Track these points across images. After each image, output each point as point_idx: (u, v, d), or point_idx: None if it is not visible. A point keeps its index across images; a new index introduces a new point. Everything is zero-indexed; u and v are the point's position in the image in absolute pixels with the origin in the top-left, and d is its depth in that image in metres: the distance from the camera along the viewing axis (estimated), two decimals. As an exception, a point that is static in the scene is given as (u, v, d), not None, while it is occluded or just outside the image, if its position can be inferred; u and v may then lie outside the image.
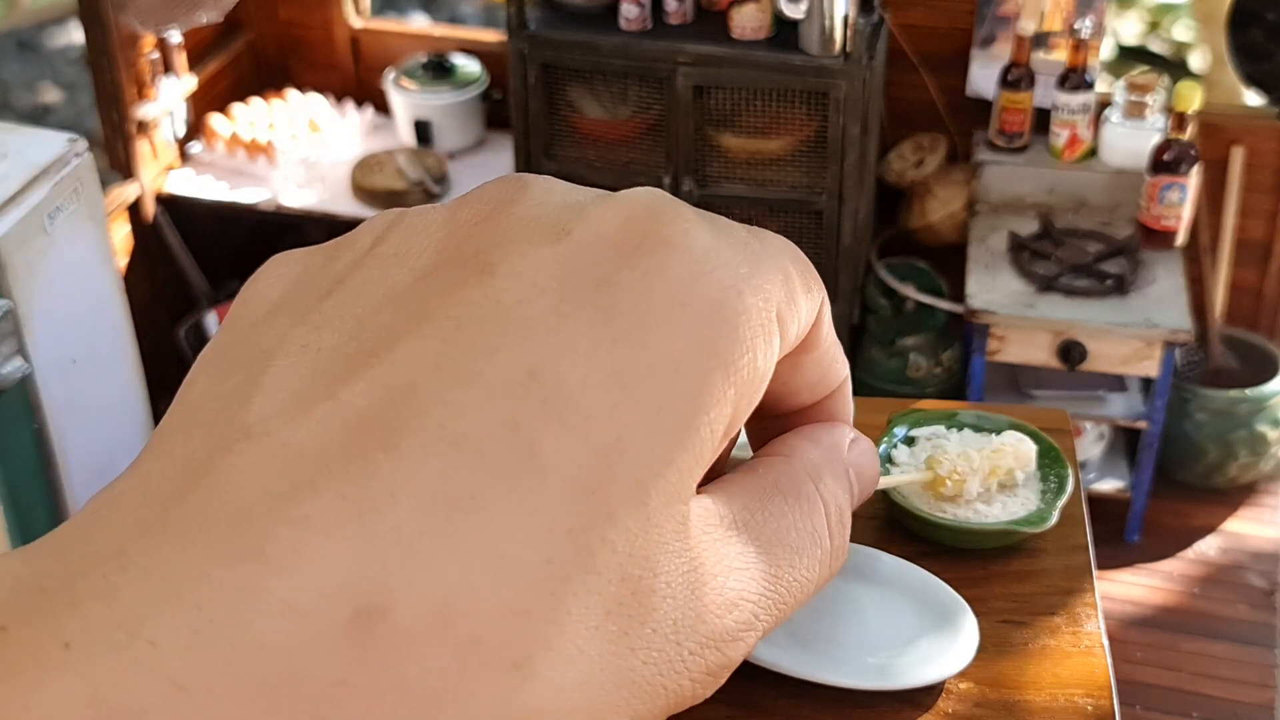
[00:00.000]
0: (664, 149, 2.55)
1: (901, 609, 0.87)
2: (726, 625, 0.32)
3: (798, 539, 0.35)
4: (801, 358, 0.38)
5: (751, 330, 0.32)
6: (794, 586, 0.35)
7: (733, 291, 0.32)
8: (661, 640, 0.30)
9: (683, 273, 0.31)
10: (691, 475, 0.31)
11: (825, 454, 0.39)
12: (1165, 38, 4.02)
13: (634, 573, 0.30)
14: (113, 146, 2.75)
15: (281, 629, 0.24)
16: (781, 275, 0.34)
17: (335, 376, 0.28)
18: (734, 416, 0.32)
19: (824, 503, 0.37)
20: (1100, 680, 0.84)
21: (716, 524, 0.33)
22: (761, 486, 0.36)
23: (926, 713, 0.82)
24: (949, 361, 2.71)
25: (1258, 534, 2.70)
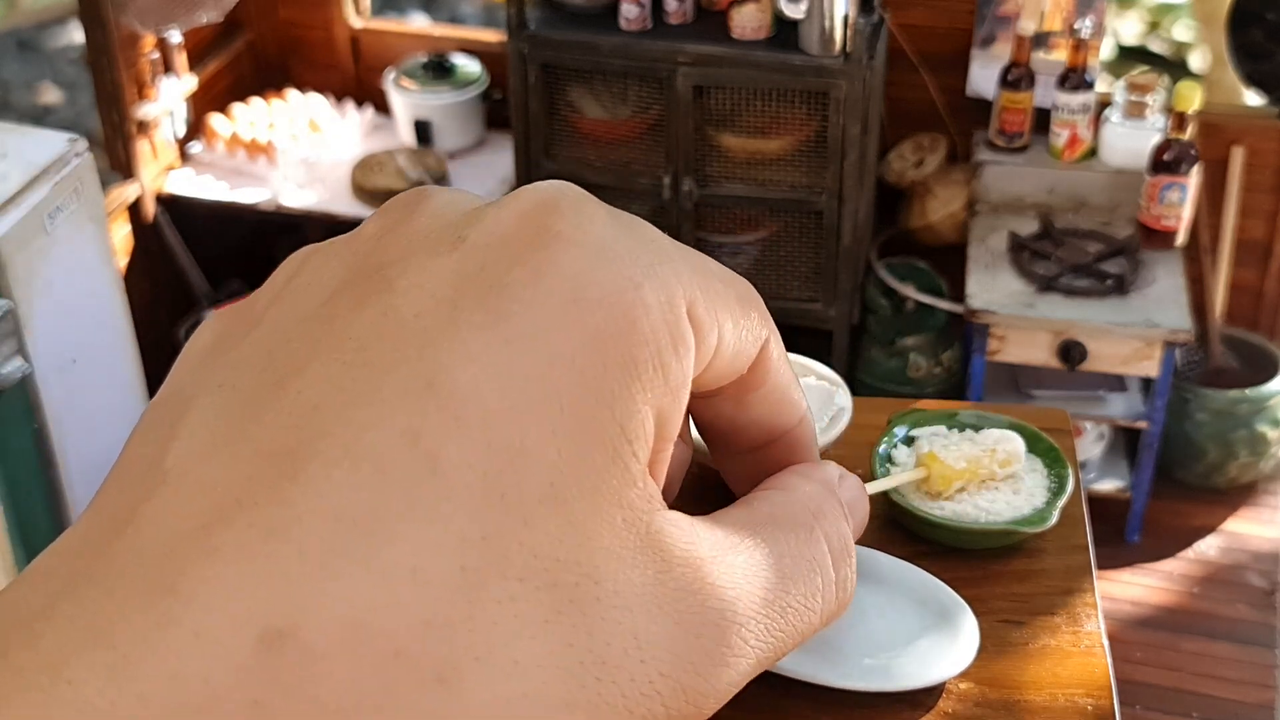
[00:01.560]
0: (664, 149, 2.55)
1: (901, 610, 0.87)
2: (706, 647, 0.31)
3: (795, 566, 0.34)
4: (746, 395, 0.37)
5: (652, 325, 0.31)
6: (791, 614, 0.34)
7: (629, 284, 0.31)
8: (619, 656, 0.29)
9: (575, 267, 0.30)
10: (611, 476, 0.30)
11: (821, 488, 0.38)
12: (1165, 38, 4.02)
13: (566, 579, 0.29)
14: (113, 146, 2.75)
15: (193, 657, 0.25)
16: (699, 280, 0.33)
17: (247, 411, 0.28)
18: (656, 417, 0.31)
19: (824, 533, 0.36)
20: (1100, 680, 0.84)
21: (696, 542, 0.32)
22: (755, 516, 0.35)
23: (926, 713, 0.82)
24: (949, 361, 2.71)
25: (1258, 534, 2.70)
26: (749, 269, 2.66)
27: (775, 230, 2.61)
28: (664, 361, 0.31)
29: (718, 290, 0.34)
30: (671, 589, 0.31)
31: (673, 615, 0.30)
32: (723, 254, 2.65)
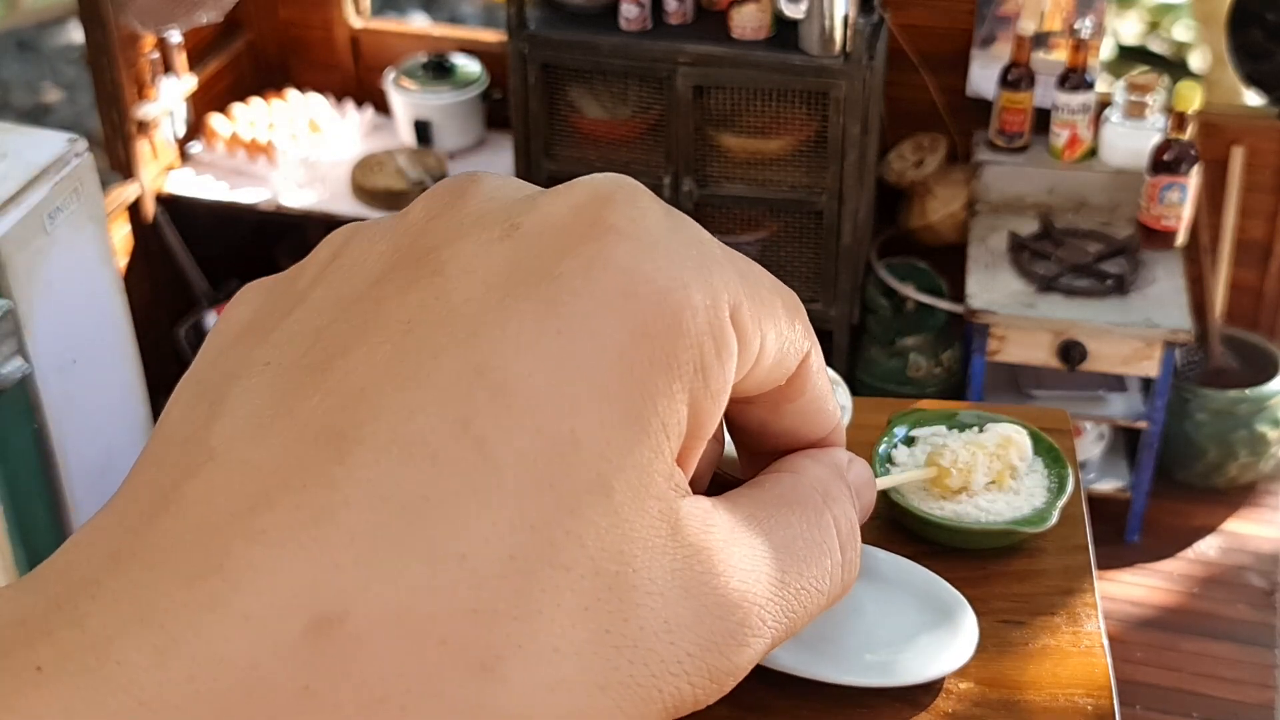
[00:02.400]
0: (664, 149, 2.55)
1: (901, 607, 0.87)
2: (729, 628, 0.32)
3: (806, 549, 0.35)
4: (783, 405, 0.38)
5: (698, 326, 0.31)
6: (803, 595, 0.35)
7: (678, 283, 0.31)
8: (651, 639, 0.30)
9: (628, 261, 0.30)
10: (653, 470, 0.31)
11: (830, 471, 0.39)
12: (1165, 38, 4.02)
13: (608, 568, 0.29)
14: (113, 146, 2.75)
15: (241, 641, 0.25)
16: (746, 286, 0.33)
17: (292, 390, 0.28)
18: (691, 417, 0.32)
19: (833, 516, 0.37)
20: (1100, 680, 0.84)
21: (716, 526, 0.33)
22: (768, 498, 0.36)
23: (926, 712, 0.82)
24: (949, 361, 2.71)
25: (1258, 534, 2.70)
26: (749, 269, 2.66)
27: (775, 230, 2.61)
28: (706, 363, 0.32)
29: (764, 298, 0.34)
30: (697, 573, 0.31)
31: (698, 599, 0.31)
32: (723, 254, 2.65)
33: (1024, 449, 0.95)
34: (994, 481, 0.94)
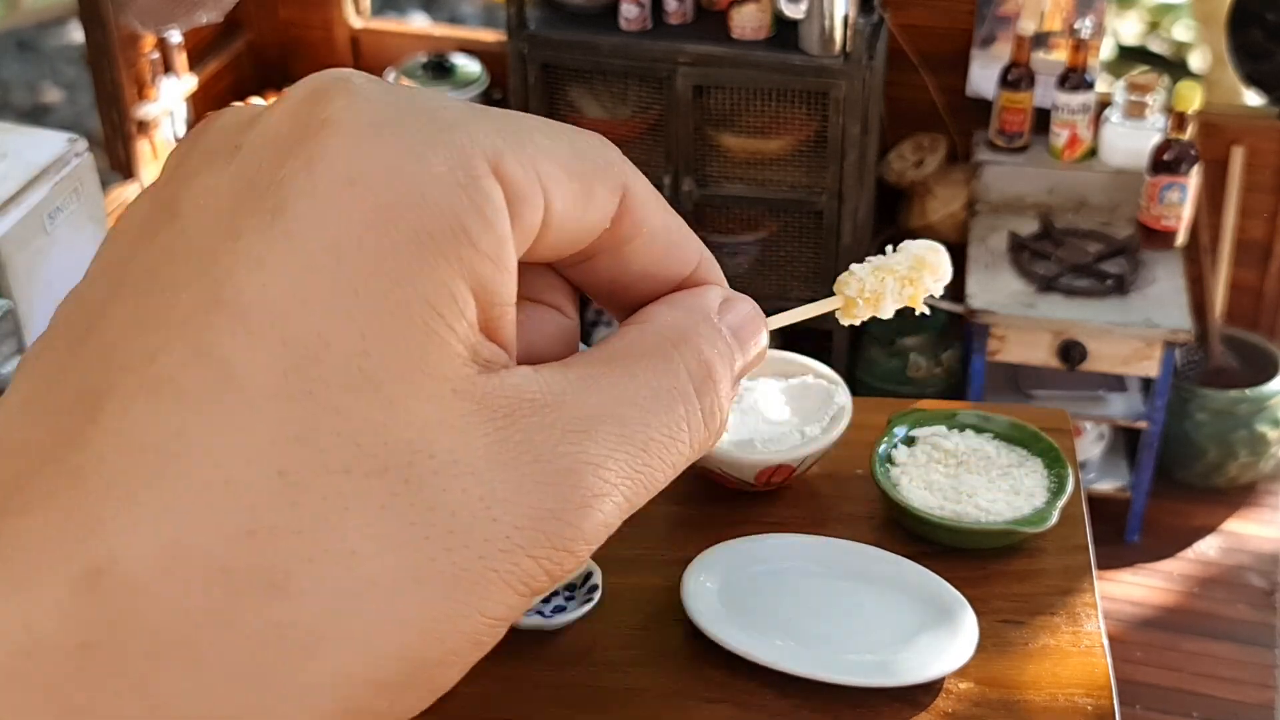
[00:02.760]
0: (664, 149, 2.55)
1: (901, 607, 0.87)
2: (563, 492, 0.31)
3: (650, 399, 0.34)
4: (622, 249, 0.36)
5: (444, 193, 0.30)
6: (655, 447, 0.33)
7: (409, 155, 0.30)
8: (469, 521, 0.29)
9: (349, 148, 0.29)
10: (432, 351, 0.30)
11: (686, 314, 0.37)
12: (1165, 38, 4.02)
13: (399, 460, 0.29)
14: (113, 146, 2.75)
15: (15, 610, 0.25)
16: (507, 136, 0.32)
17: (58, 364, 0.29)
18: (475, 286, 0.30)
19: (684, 361, 0.35)
20: (1100, 680, 0.84)
21: (540, 393, 0.31)
22: (608, 353, 0.35)
23: (926, 712, 0.82)
24: (949, 361, 2.71)
25: (1258, 534, 2.70)
26: (749, 269, 2.66)
27: (775, 230, 2.61)
28: (466, 227, 0.30)
29: (539, 144, 0.32)
30: (518, 442, 0.30)
31: (520, 468, 0.30)
32: (723, 254, 2.65)
33: (939, 269, 0.94)
34: (907, 306, 0.92)
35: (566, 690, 0.85)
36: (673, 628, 0.88)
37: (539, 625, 0.87)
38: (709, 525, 0.97)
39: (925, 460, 0.99)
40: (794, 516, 0.98)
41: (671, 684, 0.85)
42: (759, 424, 0.99)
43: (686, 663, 0.86)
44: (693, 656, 0.87)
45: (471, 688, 0.85)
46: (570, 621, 0.88)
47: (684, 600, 0.87)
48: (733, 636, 0.85)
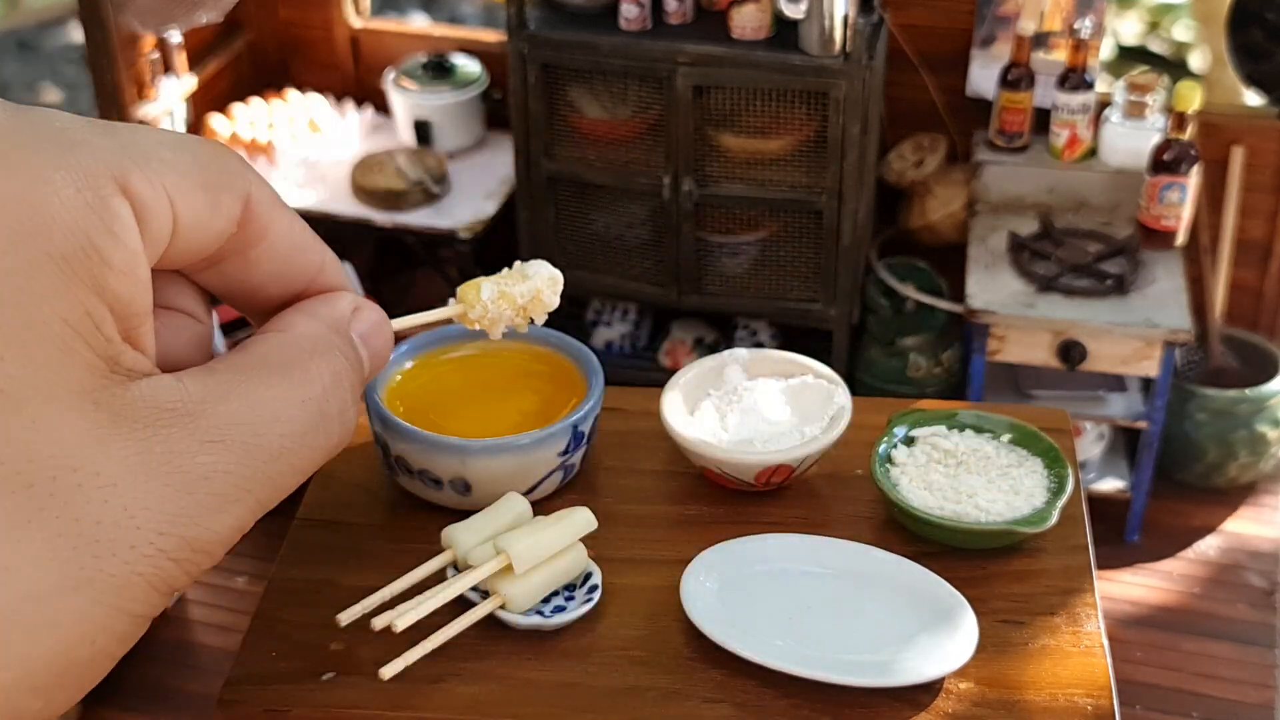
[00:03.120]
0: (664, 149, 2.55)
1: (900, 607, 0.87)
2: (200, 499, 0.32)
3: (285, 408, 0.36)
4: (249, 253, 0.38)
5: (73, 215, 0.31)
6: (288, 455, 0.35)
7: (37, 180, 0.31)
8: (112, 530, 0.31)
9: None
10: (69, 368, 0.31)
11: (322, 325, 0.39)
12: (1165, 38, 4.02)
13: (42, 475, 0.30)
14: (113, 146, 2.75)
15: None
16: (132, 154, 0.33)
17: None
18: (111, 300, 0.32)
19: (317, 369, 0.37)
20: (1100, 680, 0.84)
21: (181, 402, 0.33)
22: (247, 362, 0.36)
23: (926, 712, 0.82)
24: (949, 361, 2.71)
25: (1258, 534, 2.70)
26: (749, 269, 2.66)
27: (775, 230, 2.61)
28: (99, 247, 0.32)
29: (164, 158, 0.34)
30: (158, 453, 0.32)
31: (161, 478, 0.32)
32: (723, 254, 2.65)
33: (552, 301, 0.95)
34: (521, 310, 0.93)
35: (566, 690, 0.85)
36: (673, 628, 0.88)
37: (538, 625, 0.87)
38: (709, 525, 0.97)
39: (925, 460, 0.99)
40: (794, 516, 0.98)
41: (671, 684, 0.85)
42: (759, 424, 0.99)
43: (686, 663, 0.86)
44: (693, 656, 0.87)
45: (471, 687, 0.85)
46: (570, 621, 0.88)
47: (684, 600, 0.87)
48: (733, 636, 0.85)
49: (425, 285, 3.10)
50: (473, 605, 0.87)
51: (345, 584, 0.92)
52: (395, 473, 0.98)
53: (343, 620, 0.82)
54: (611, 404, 1.05)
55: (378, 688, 0.83)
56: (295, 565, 0.94)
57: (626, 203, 2.65)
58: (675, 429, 0.98)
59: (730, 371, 1.04)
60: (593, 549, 0.91)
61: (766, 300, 2.66)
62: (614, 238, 2.68)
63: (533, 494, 0.96)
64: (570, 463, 0.98)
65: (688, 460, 0.99)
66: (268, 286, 0.40)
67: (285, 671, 0.87)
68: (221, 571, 2.56)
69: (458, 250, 2.75)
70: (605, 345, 2.83)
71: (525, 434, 0.94)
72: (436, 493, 0.97)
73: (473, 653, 0.87)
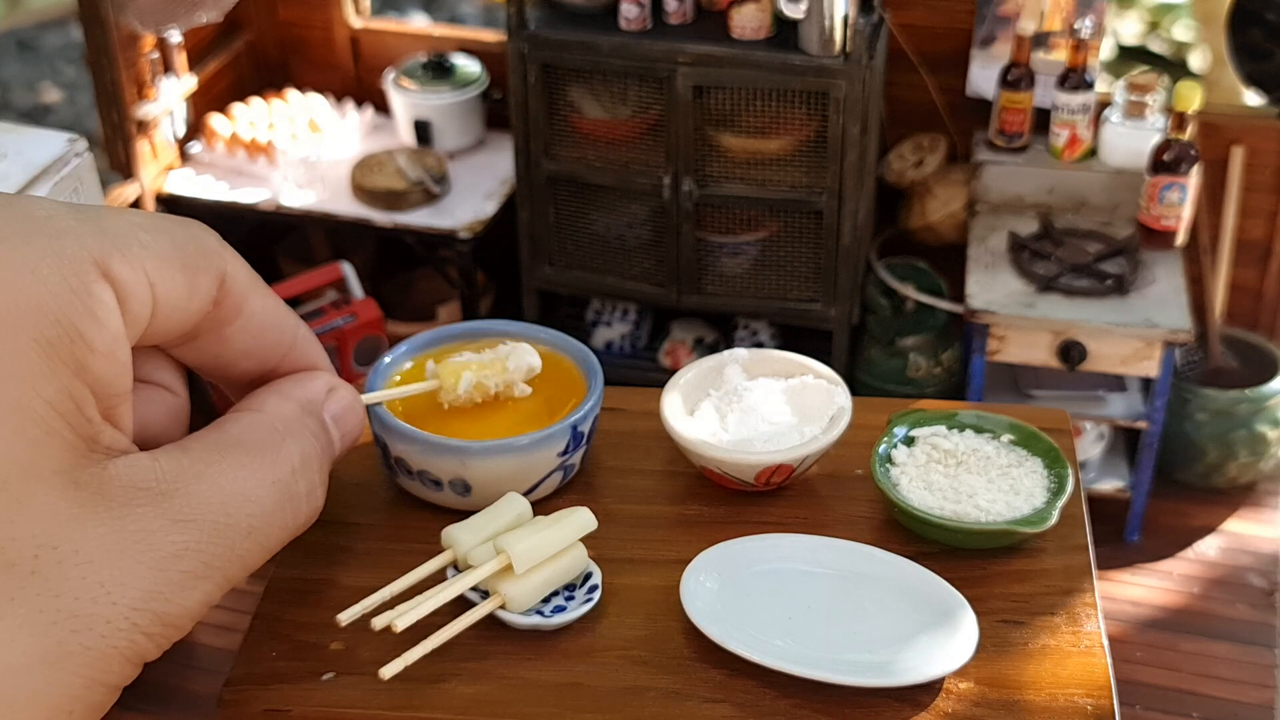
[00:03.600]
0: (664, 149, 2.55)
1: (900, 607, 0.87)
2: (172, 577, 0.34)
3: (256, 489, 0.37)
4: (224, 330, 0.40)
5: (59, 303, 0.32)
6: (257, 534, 0.36)
7: (24, 269, 0.32)
8: (90, 606, 0.32)
9: None
10: (54, 450, 0.32)
11: (295, 406, 0.40)
12: (1165, 38, 4.01)
13: (24, 554, 0.31)
14: (113, 146, 2.75)
15: None
16: (112, 239, 0.34)
17: None
18: (94, 381, 0.33)
19: (289, 451, 0.39)
20: (1100, 680, 0.84)
21: (155, 480, 0.34)
22: (221, 441, 0.38)
23: (926, 712, 0.82)
24: (949, 361, 2.71)
25: (1258, 534, 2.70)
26: (749, 269, 2.66)
27: (775, 230, 2.61)
28: (82, 331, 0.33)
29: (143, 241, 0.35)
30: (132, 532, 0.33)
31: (135, 555, 0.33)
32: (723, 254, 2.65)
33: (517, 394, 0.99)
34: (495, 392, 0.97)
35: (566, 690, 0.85)
36: (673, 628, 0.88)
37: (538, 625, 0.87)
38: (709, 525, 0.97)
39: (925, 460, 0.99)
40: (794, 516, 0.98)
41: (671, 684, 0.85)
42: (759, 424, 0.99)
43: (686, 663, 0.86)
44: (693, 656, 0.87)
45: (471, 688, 0.85)
46: (570, 621, 0.88)
47: (684, 600, 0.87)
48: (733, 636, 0.85)
49: (425, 285, 3.10)
50: (473, 605, 0.87)
51: (345, 584, 0.92)
52: (395, 473, 0.98)
53: (343, 620, 0.82)
54: (611, 404, 1.05)
55: (378, 688, 0.83)
56: (295, 565, 0.94)
57: (626, 203, 2.65)
58: (675, 429, 0.98)
59: (730, 371, 1.03)
60: (593, 549, 0.91)
61: (766, 300, 2.66)
62: (614, 238, 2.68)
63: (533, 494, 0.96)
64: (570, 463, 0.98)
65: (688, 460, 0.99)
66: (241, 361, 0.41)
67: (285, 671, 0.87)
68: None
69: (458, 250, 2.75)
70: (605, 345, 2.83)
71: (525, 434, 0.94)
72: (436, 493, 0.97)
73: (473, 653, 0.87)
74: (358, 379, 0.99)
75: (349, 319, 2.67)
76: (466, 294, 2.82)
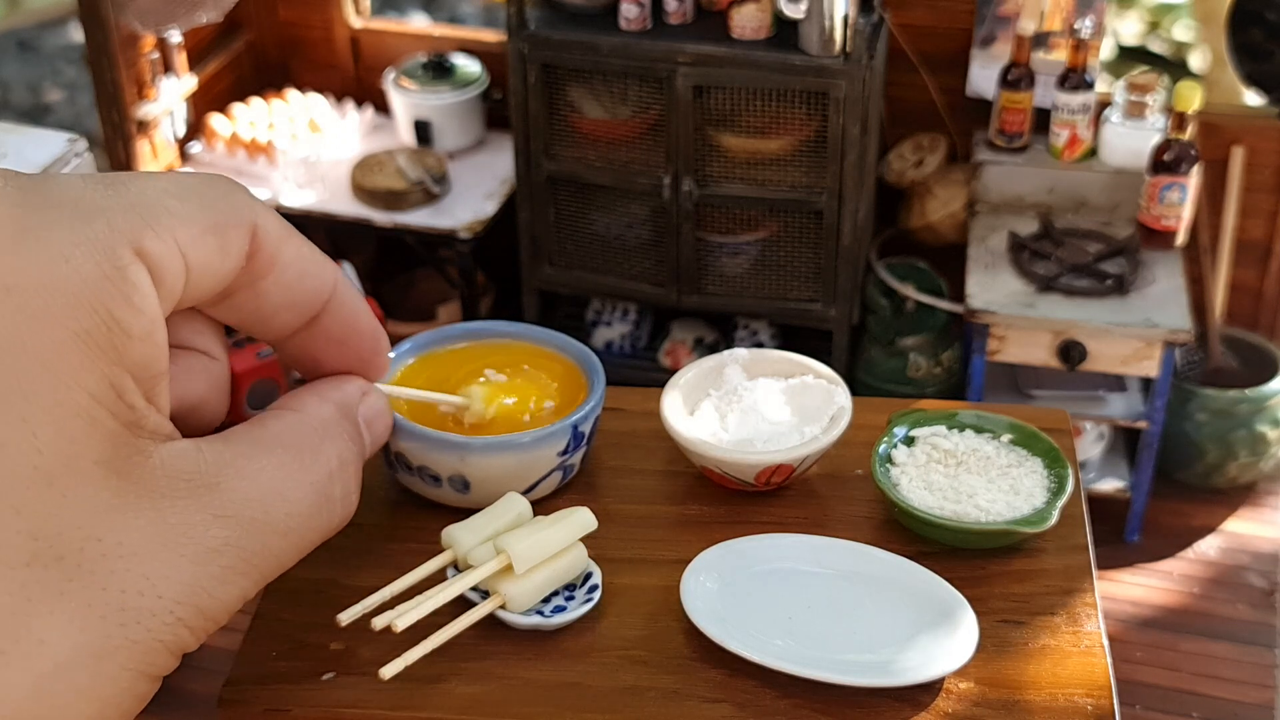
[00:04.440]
0: (664, 149, 2.55)
1: (900, 606, 0.87)
2: (211, 571, 0.34)
3: (296, 491, 0.37)
4: (260, 284, 0.39)
5: (93, 292, 0.32)
6: (293, 535, 0.37)
7: (58, 259, 0.32)
8: (136, 599, 0.32)
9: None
10: (98, 442, 0.32)
11: (333, 409, 0.41)
12: (1165, 38, 4.01)
13: (71, 547, 0.31)
14: (113, 146, 2.75)
15: None
16: (143, 215, 0.34)
17: None
18: (132, 367, 0.33)
19: (328, 456, 0.39)
20: (1100, 680, 0.84)
21: (199, 472, 0.35)
22: (264, 436, 0.38)
23: (926, 712, 0.82)
24: (949, 361, 2.71)
25: (1258, 534, 2.70)
26: (749, 269, 2.66)
27: (775, 230, 2.61)
28: (118, 319, 0.33)
29: (172, 209, 0.35)
30: (174, 524, 0.33)
31: (176, 548, 0.34)
32: (723, 254, 2.65)
33: (552, 392, 0.96)
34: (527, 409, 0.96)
35: (566, 690, 0.85)
36: (673, 628, 0.88)
37: (538, 625, 0.87)
38: (709, 525, 0.97)
39: (925, 460, 0.99)
40: (794, 516, 0.98)
41: (671, 684, 0.85)
42: (759, 424, 0.99)
43: (686, 663, 0.86)
44: (693, 656, 0.87)
45: (471, 688, 0.85)
46: (570, 621, 0.88)
47: (684, 600, 0.87)
48: (733, 636, 0.85)
49: (425, 285, 3.10)
50: (473, 605, 0.87)
51: (345, 584, 0.92)
52: (395, 469, 0.98)
53: (343, 620, 0.82)
54: (611, 404, 1.05)
55: (378, 688, 0.83)
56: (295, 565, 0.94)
57: (626, 203, 2.65)
58: (675, 429, 0.98)
59: (730, 371, 1.03)
60: (593, 549, 0.91)
61: (766, 300, 2.66)
62: (614, 238, 2.68)
63: (532, 493, 0.96)
64: (570, 463, 0.98)
65: (688, 460, 0.99)
66: (281, 313, 0.41)
67: (285, 671, 0.87)
68: (221, 571, 2.56)
69: (458, 250, 2.75)
70: (605, 345, 2.83)
71: (525, 433, 0.94)
72: (435, 490, 0.97)
73: (473, 653, 0.87)
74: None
75: (349, 319, 2.67)
76: (466, 294, 2.82)
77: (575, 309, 2.88)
